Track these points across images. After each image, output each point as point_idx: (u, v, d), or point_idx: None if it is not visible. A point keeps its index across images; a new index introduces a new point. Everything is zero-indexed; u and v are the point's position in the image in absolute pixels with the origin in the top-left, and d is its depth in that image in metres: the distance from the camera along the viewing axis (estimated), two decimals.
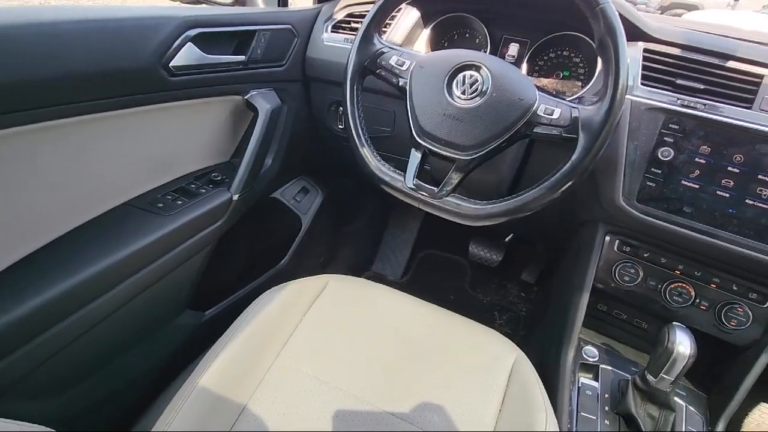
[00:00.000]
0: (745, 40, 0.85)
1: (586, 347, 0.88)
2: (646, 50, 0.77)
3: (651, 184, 0.75)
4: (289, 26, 0.91)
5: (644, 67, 0.76)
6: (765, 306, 0.76)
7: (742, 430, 0.85)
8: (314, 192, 1.21)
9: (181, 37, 0.69)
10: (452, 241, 1.58)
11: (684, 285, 0.81)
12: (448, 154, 0.69)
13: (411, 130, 0.71)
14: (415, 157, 0.71)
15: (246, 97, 0.86)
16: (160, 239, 0.72)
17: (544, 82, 0.93)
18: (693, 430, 0.77)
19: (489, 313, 1.49)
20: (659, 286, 0.82)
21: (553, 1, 0.68)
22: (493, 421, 0.66)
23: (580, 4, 0.61)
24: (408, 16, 0.92)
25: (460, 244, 1.53)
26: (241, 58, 0.81)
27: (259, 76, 0.87)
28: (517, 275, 1.54)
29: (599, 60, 0.79)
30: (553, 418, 0.68)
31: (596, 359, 0.86)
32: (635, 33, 0.78)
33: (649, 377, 0.73)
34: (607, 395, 0.80)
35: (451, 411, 0.67)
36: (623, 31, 0.60)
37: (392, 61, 0.73)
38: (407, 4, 0.91)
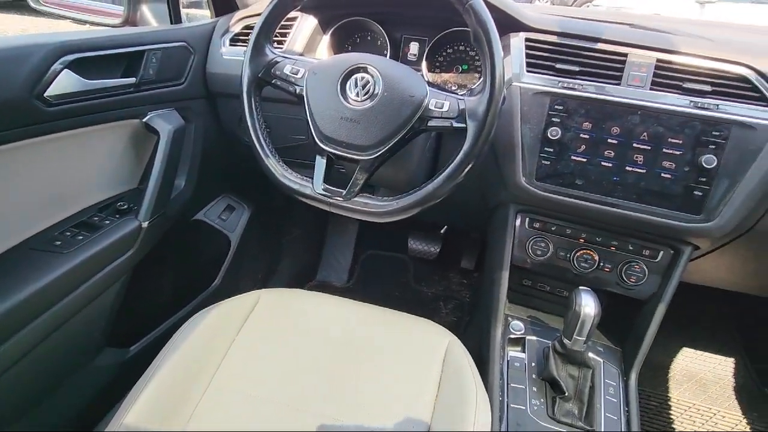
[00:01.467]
0: (612, 23, 0.94)
1: (513, 322, 0.93)
2: (527, 40, 0.83)
3: (546, 162, 0.81)
4: (184, 43, 0.88)
5: (528, 55, 0.82)
6: (657, 261, 0.85)
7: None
8: (240, 209, 1.18)
9: (55, 64, 0.65)
10: (392, 240, 1.61)
11: (588, 251, 0.88)
12: (351, 156, 0.70)
13: (313, 136, 0.72)
14: (321, 162, 0.72)
15: (144, 120, 0.83)
16: (59, 279, 0.68)
17: (446, 76, 0.98)
18: (610, 382, 0.84)
19: (435, 304, 1.53)
20: (568, 255, 0.89)
21: (429, 1, 0.72)
22: (430, 408, 0.69)
23: (452, 2, 0.65)
24: (306, 24, 0.93)
25: (400, 242, 1.57)
26: (131, 80, 0.78)
27: (156, 96, 0.85)
28: (456, 264, 1.59)
29: None
30: (483, 395, 0.71)
31: (522, 332, 0.91)
32: (517, 25, 0.84)
33: (565, 341, 0.79)
34: (533, 364, 0.86)
35: (391, 405, 0.68)
36: (494, 25, 0.64)
37: (286, 70, 0.73)
38: (301, 11, 0.92)
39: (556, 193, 0.82)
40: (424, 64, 0.94)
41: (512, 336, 0.91)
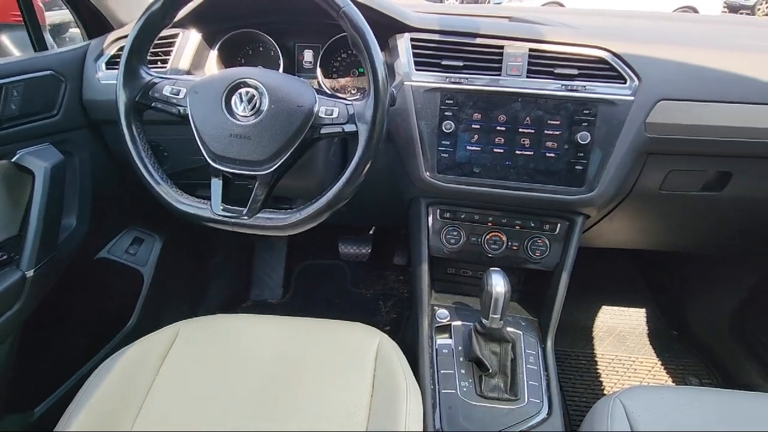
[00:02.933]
0: (491, 17, 1.00)
1: (439, 311, 0.97)
2: (413, 39, 0.86)
3: (444, 155, 0.85)
4: (51, 72, 0.81)
5: (415, 55, 0.85)
6: (556, 233, 0.92)
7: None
8: (151, 240, 1.11)
9: None
10: (323, 248, 1.60)
11: (497, 234, 0.93)
12: (248, 173, 0.69)
13: (205, 157, 0.69)
14: (216, 183, 0.70)
15: (14, 160, 0.76)
16: None
17: (343, 81, 0.99)
18: (530, 351, 0.89)
19: (375, 304, 1.55)
20: (479, 239, 0.93)
21: (306, 8, 0.72)
22: (366, 410, 0.69)
23: (327, 10, 0.66)
24: (189, 40, 0.90)
25: (332, 248, 1.56)
26: None
27: (24, 133, 0.77)
28: (390, 261, 1.62)
29: None
30: (414, 388, 0.73)
31: (448, 319, 0.95)
32: (400, 26, 0.86)
33: (483, 321, 0.83)
34: (460, 347, 0.90)
35: (328, 416, 0.68)
36: (369, 29, 0.65)
37: (166, 92, 0.70)
38: (181, 28, 0.89)
39: (457, 183, 0.86)
40: (319, 71, 0.94)
41: (439, 324, 0.94)
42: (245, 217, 0.70)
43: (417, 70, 0.84)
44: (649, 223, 1.09)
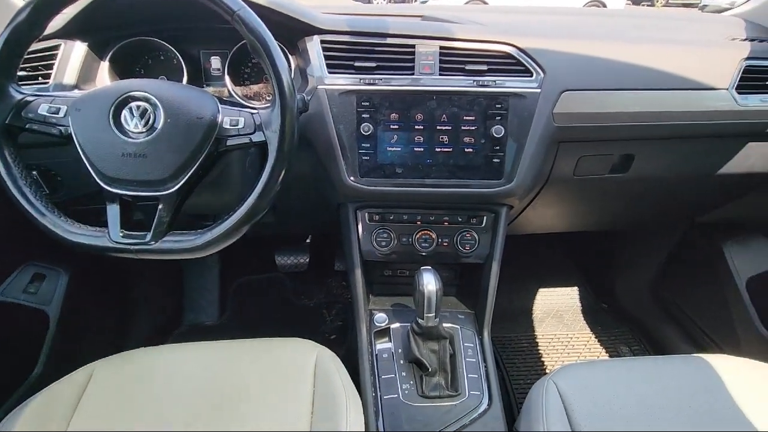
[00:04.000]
0: (403, 16, 1.00)
1: (377, 315, 0.95)
2: (323, 42, 0.84)
3: (366, 158, 0.84)
4: None
5: (326, 57, 0.83)
6: (483, 226, 0.94)
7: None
8: (54, 274, 1.00)
9: None
10: (259, 261, 1.53)
11: (426, 232, 0.93)
12: (149, 194, 0.63)
13: (96, 181, 0.63)
14: (113, 208, 0.64)
15: None
16: None
17: (255, 88, 0.94)
18: (468, 344, 0.91)
19: (318, 314, 1.51)
20: (410, 239, 0.93)
21: (200, 13, 0.67)
22: (308, 426, 0.66)
23: (221, 15, 0.62)
24: (74, 52, 0.81)
25: (268, 261, 1.50)
26: None
27: None
28: (331, 268, 1.58)
29: None
30: (354, 398, 0.71)
31: (386, 322, 0.94)
32: (310, 29, 0.84)
33: (419, 320, 0.83)
34: (400, 350, 0.89)
35: None
36: (268, 32, 0.62)
37: (43, 110, 0.62)
38: (63, 39, 0.80)
39: (382, 185, 0.85)
40: (227, 78, 0.89)
41: (377, 329, 0.93)
42: (151, 242, 0.64)
43: (330, 72, 0.82)
44: (569, 206, 1.15)
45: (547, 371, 1.41)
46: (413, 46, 0.84)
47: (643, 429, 0.70)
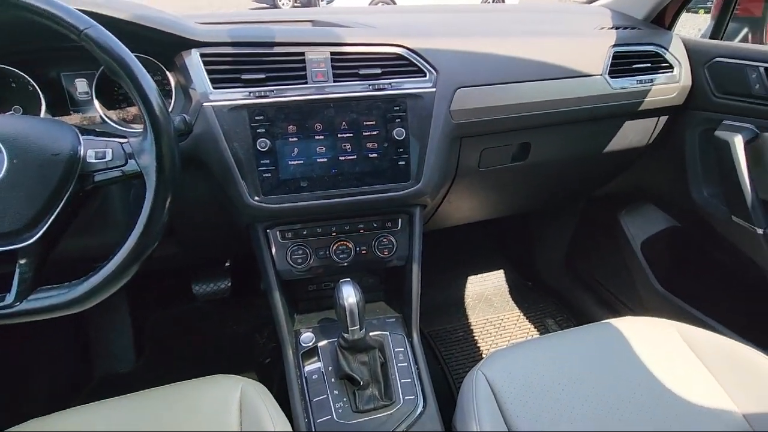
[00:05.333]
0: (290, 22, 0.97)
1: (303, 335, 0.92)
2: (203, 55, 0.77)
3: (267, 175, 0.79)
4: None
5: (209, 72, 0.77)
6: (399, 228, 0.93)
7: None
8: None
9: None
10: (174, 294, 1.42)
11: (343, 242, 0.91)
12: (2, 249, 0.54)
13: None
14: None
15: None
16: None
17: (133, 111, 0.85)
18: (399, 349, 0.90)
19: (249, 340, 1.43)
20: (327, 252, 0.90)
21: (45, 33, 0.59)
22: None
23: (67, 34, 0.54)
24: None
25: (185, 292, 1.39)
26: None
27: None
28: (256, 289, 1.51)
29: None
30: (284, 427, 0.67)
31: (313, 341, 0.90)
32: (186, 42, 0.77)
33: (344, 334, 0.81)
34: (330, 368, 0.86)
35: None
36: (124, 49, 0.55)
37: None
38: None
39: (288, 201, 0.81)
40: (96, 103, 0.79)
41: (304, 350, 0.89)
42: (15, 304, 0.55)
43: (215, 88, 0.76)
44: (481, 197, 1.19)
45: (483, 354, 1.46)
46: (303, 54, 0.80)
47: (572, 403, 0.74)
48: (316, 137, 0.80)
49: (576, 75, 0.95)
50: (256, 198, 0.79)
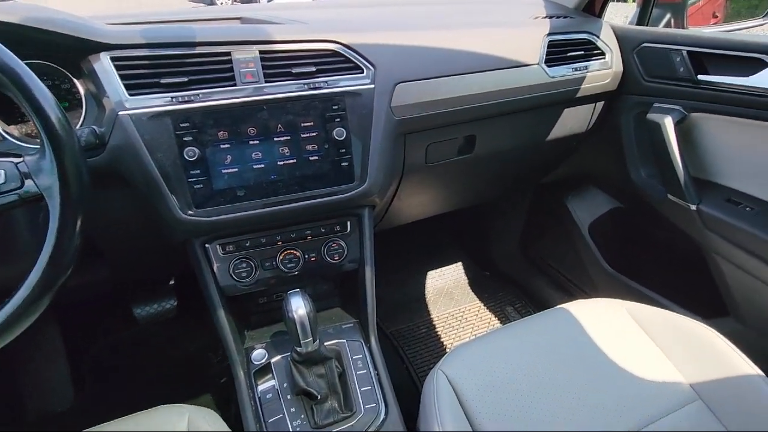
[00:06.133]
0: (213, 20, 0.90)
1: (255, 353, 0.86)
2: (115, 59, 0.70)
3: (198, 186, 0.73)
4: None
5: (123, 77, 0.69)
6: (348, 231, 0.90)
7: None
8: None
9: None
10: (114, 320, 1.31)
11: (290, 251, 0.86)
12: None
13: None
14: None
15: None
16: None
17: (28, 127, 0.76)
18: (357, 356, 0.87)
19: (202, 359, 1.34)
20: (273, 263, 0.85)
21: None
22: None
23: None
24: None
25: (126, 317, 1.28)
26: None
27: None
28: (206, 305, 1.42)
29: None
30: None
31: (266, 358, 0.85)
32: (93, 46, 0.69)
33: (297, 348, 0.76)
34: (285, 384, 0.81)
35: None
36: (11, 56, 0.48)
37: None
38: None
39: (224, 213, 0.75)
40: None
41: (257, 368, 0.84)
42: None
43: (132, 95, 0.69)
44: (432, 192, 1.18)
45: (447, 349, 1.46)
46: (229, 54, 0.75)
47: (532, 393, 0.74)
48: (251, 142, 0.75)
49: (514, 65, 0.95)
50: (189, 212, 0.73)
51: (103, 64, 0.69)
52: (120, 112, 0.68)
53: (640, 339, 0.85)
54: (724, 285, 0.97)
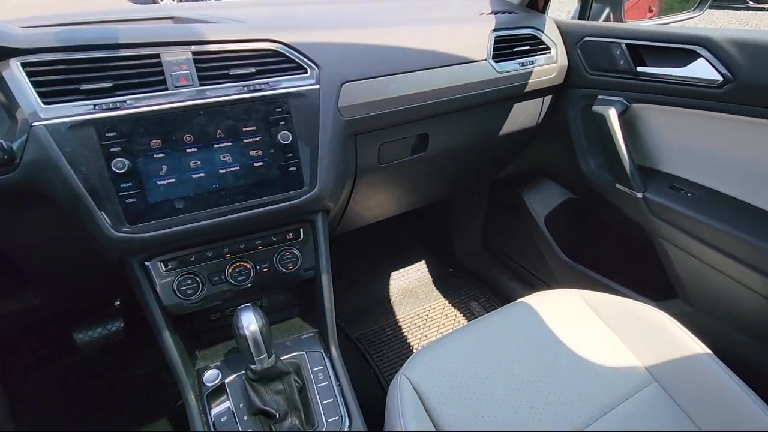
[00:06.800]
0: (143, 20, 0.84)
1: (207, 374, 0.81)
2: (25, 65, 0.63)
3: (131, 200, 0.67)
4: None
5: (36, 84, 0.63)
6: (302, 238, 0.86)
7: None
8: None
9: None
10: (54, 346, 1.20)
11: (240, 263, 0.81)
12: None
13: None
14: None
15: None
16: None
17: None
18: (318, 367, 0.84)
19: (156, 382, 1.26)
20: (222, 276, 0.80)
21: None
22: None
23: None
24: None
25: (69, 344, 1.18)
26: None
27: None
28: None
29: None
30: None
31: (219, 378, 0.80)
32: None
33: (251, 366, 0.72)
34: (241, 405, 0.77)
35: None
36: None
37: None
38: None
39: (163, 227, 0.70)
40: None
41: (210, 390, 0.79)
42: None
43: (47, 103, 0.63)
44: (389, 193, 1.16)
45: (414, 349, 1.45)
46: (158, 56, 0.69)
47: (495, 391, 0.73)
48: (188, 150, 0.70)
49: (462, 61, 0.95)
50: (124, 229, 0.68)
51: (13, 71, 0.62)
52: (34, 123, 0.61)
53: (597, 327, 0.86)
54: (671, 268, 1.01)
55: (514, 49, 1.02)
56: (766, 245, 0.79)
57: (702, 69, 0.85)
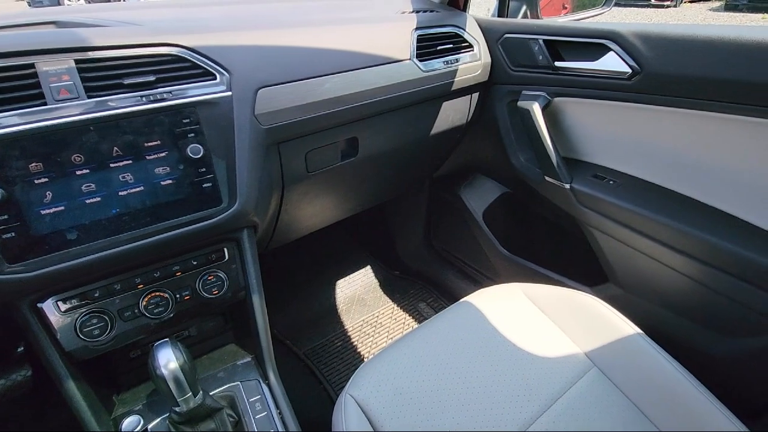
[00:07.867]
0: (15, 26, 0.73)
1: (126, 421, 0.72)
2: None
3: (10, 235, 0.57)
4: None
5: None
6: (227, 259, 0.79)
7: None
8: None
9: None
10: None
11: (155, 293, 0.73)
12: None
13: None
14: None
15: None
16: None
17: None
18: (254, 396, 0.77)
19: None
20: (135, 311, 0.72)
21: None
22: None
23: None
24: None
25: None
26: None
27: None
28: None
29: None
30: None
31: (141, 424, 0.72)
32: None
33: (175, 408, 0.65)
34: None
35: None
36: None
37: None
38: None
39: (53, 263, 0.60)
40: None
41: None
42: None
43: None
44: (322, 201, 1.11)
45: (365, 357, 1.41)
46: (32, 66, 0.60)
47: (443, 398, 0.71)
48: (78, 173, 0.61)
49: (386, 62, 0.92)
50: (4, 269, 0.57)
51: None
52: None
53: (538, 318, 0.87)
54: (601, 254, 1.05)
55: (438, 48, 1.01)
56: (684, 226, 0.84)
57: (613, 62, 0.89)
